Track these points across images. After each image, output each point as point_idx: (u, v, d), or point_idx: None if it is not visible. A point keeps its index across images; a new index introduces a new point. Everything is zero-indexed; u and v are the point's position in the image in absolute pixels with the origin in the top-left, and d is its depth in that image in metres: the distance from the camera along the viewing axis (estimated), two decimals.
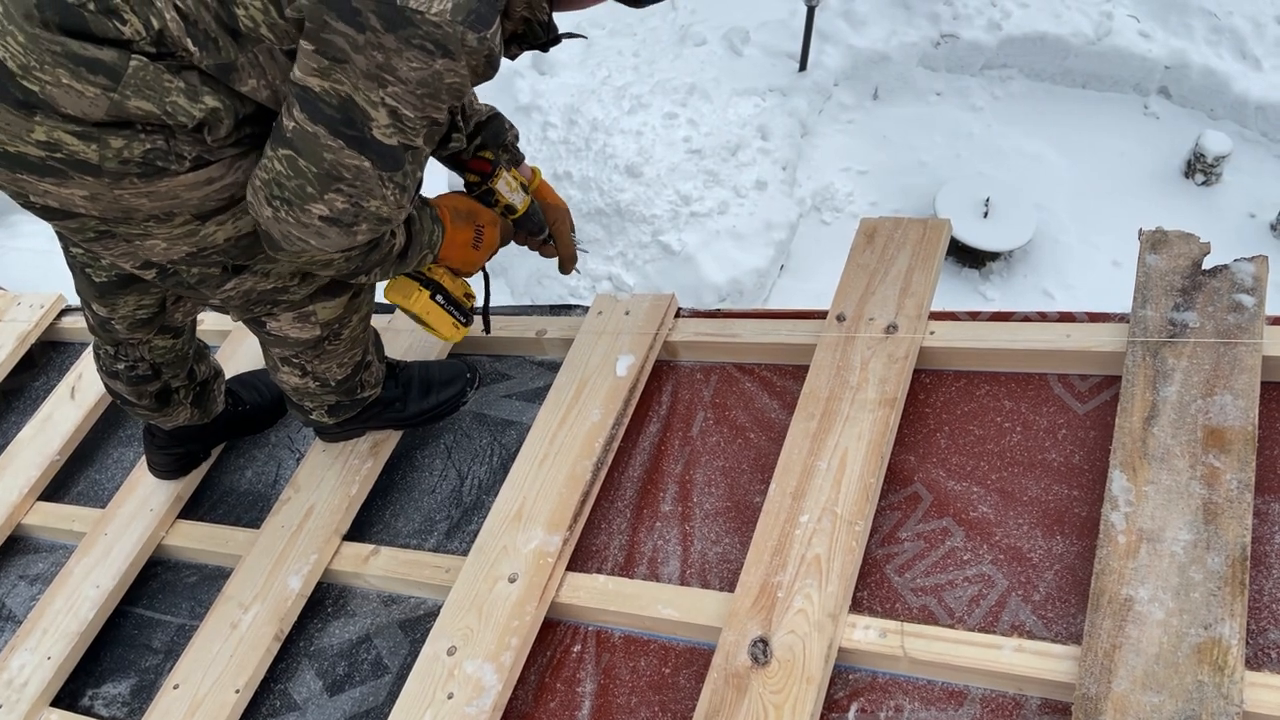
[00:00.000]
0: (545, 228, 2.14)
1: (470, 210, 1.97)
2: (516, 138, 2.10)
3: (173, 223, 1.59)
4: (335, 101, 1.42)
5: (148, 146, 1.45)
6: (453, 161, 2.06)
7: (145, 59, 1.38)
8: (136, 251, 1.65)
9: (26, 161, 1.44)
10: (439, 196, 1.97)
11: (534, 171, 2.14)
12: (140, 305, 1.95)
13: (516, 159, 2.10)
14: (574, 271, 2.24)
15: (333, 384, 2.06)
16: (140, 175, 1.48)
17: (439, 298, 1.99)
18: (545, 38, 1.62)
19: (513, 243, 2.13)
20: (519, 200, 2.07)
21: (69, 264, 1.91)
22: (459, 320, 2.04)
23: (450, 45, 1.37)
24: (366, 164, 1.48)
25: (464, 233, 1.94)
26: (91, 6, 1.34)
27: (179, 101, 1.42)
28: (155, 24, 1.37)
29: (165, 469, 2.31)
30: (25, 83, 1.36)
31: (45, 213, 1.58)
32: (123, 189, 1.49)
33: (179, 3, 1.38)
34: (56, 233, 1.78)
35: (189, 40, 1.40)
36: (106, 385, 2.13)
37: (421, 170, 1.60)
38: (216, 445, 2.39)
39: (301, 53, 1.40)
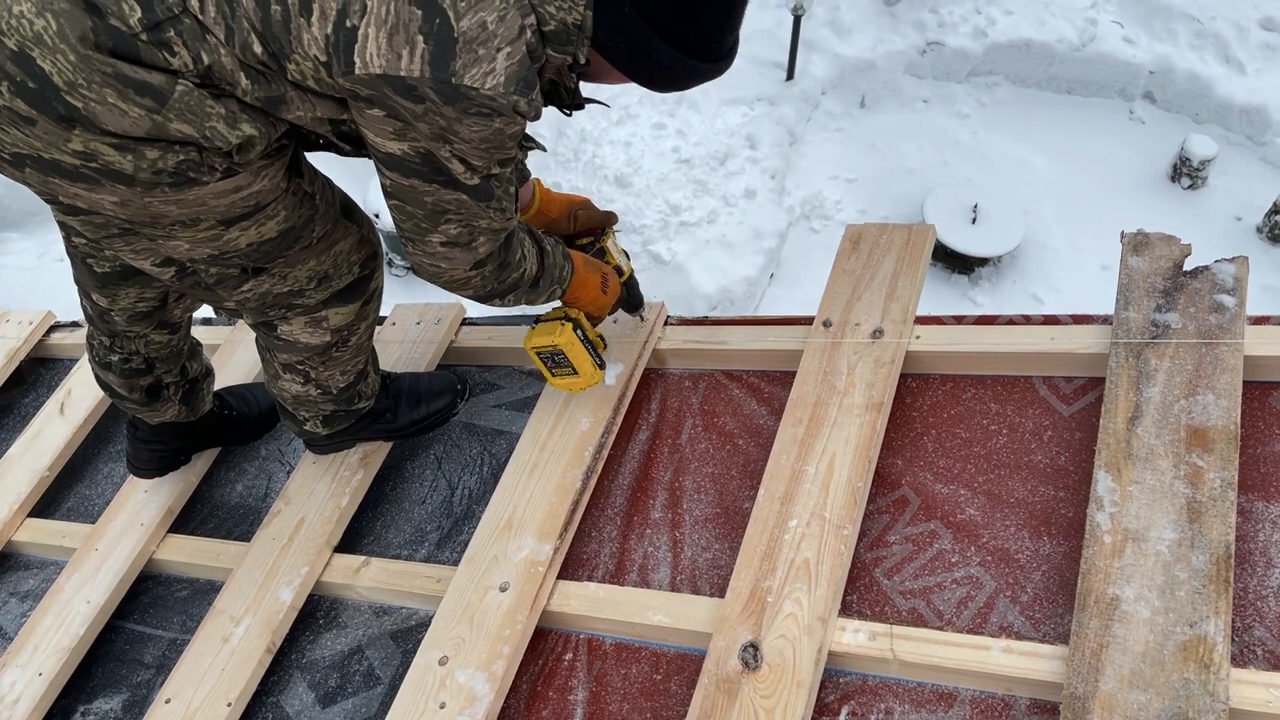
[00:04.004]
0: (642, 301, 2.22)
1: (596, 261, 2.07)
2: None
3: (198, 227, 1.62)
4: (418, 157, 1.52)
5: (181, 158, 1.48)
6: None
7: (191, 85, 1.43)
8: (159, 249, 1.69)
9: (60, 168, 1.46)
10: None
11: (535, 180, 2.17)
12: (141, 298, 1.97)
13: (524, 176, 2.13)
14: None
15: (334, 392, 2.07)
16: (172, 185, 1.51)
17: (579, 332, 2.05)
18: (570, 102, 1.71)
19: None
20: (625, 264, 2.15)
21: (69, 254, 1.92)
22: (596, 361, 2.10)
23: (504, 110, 1.45)
24: (464, 196, 1.59)
25: (594, 276, 2.03)
26: (145, 37, 1.37)
27: (218, 127, 1.47)
28: (205, 59, 1.41)
29: (145, 465, 2.30)
30: (69, 98, 1.38)
31: (71, 210, 1.61)
32: (153, 197, 1.52)
33: (234, 50, 1.42)
34: (58, 222, 1.80)
35: (241, 74, 1.45)
36: (97, 376, 2.14)
37: (513, 184, 1.70)
38: (199, 450, 2.38)
39: (372, 119, 1.48)
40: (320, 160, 1.84)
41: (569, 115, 1.76)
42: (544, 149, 1.95)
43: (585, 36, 1.50)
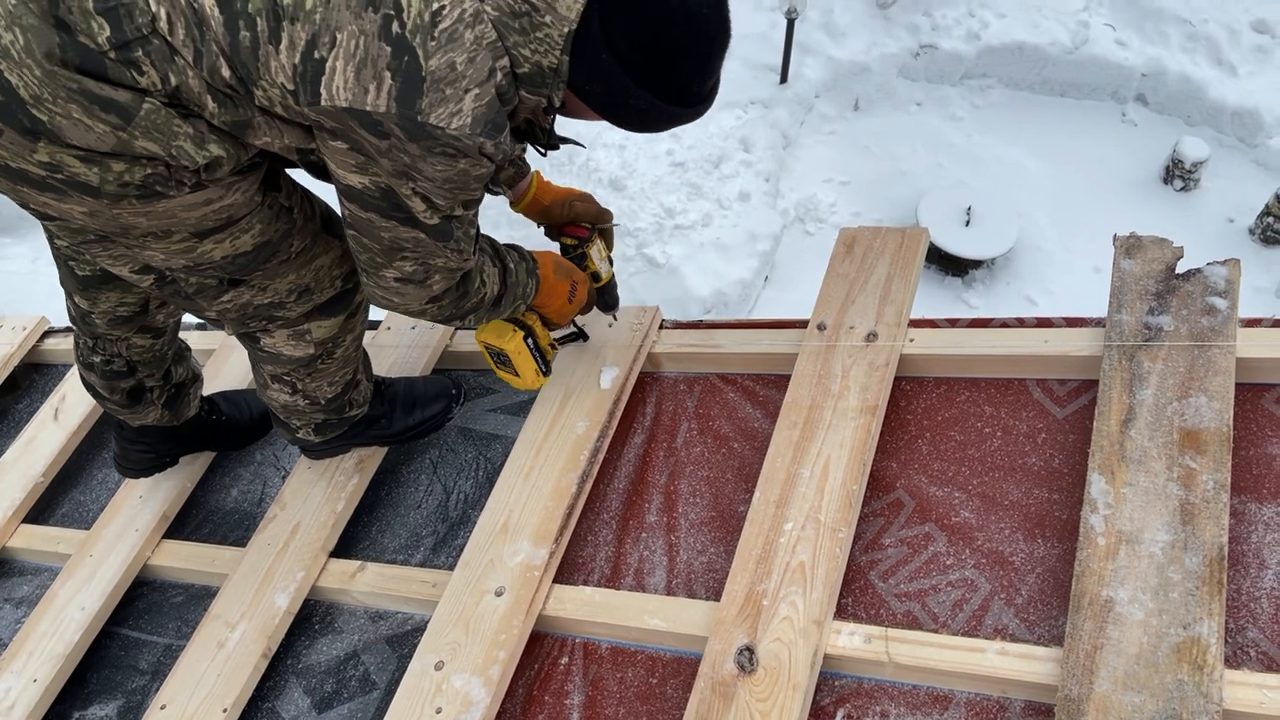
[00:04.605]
0: (618, 302, 2.25)
1: (569, 267, 2.07)
2: None
3: (170, 239, 1.62)
4: (378, 192, 1.52)
5: (148, 172, 1.48)
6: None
7: (158, 103, 1.42)
8: (136, 256, 1.68)
9: (28, 177, 1.46)
10: (541, 252, 2.06)
11: (534, 172, 2.17)
12: (122, 302, 1.96)
13: (522, 171, 2.13)
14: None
15: (322, 402, 2.07)
16: (139, 197, 1.50)
17: (530, 340, 2.07)
18: (545, 141, 1.71)
19: None
20: (605, 270, 2.18)
21: (53, 255, 1.92)
22: (541, 368, 2.12)
23: (469, 152, 1.45)
24: (422, 235, 1.58)
25: (563, 284, 2.04)
26: (113, 55, 1.37)
27: (185, 146, 1.46)
28: (173, 80, 1.41)
29: (131, 465, 2.30)
30: (35, 111, 1.38)
31: (44, 217, 1.61)
32: (121, 209, 1.52)
33: (202, 73, 1.41)
34: (42, 224, 1.80)
35: (209, 98, 1.44)
36: (81, 375, 2.15)
37: (474, 226, 1.69)
38: (186, 453, 2.37)
39: (336, 150, 1.48)
40: (303, 174, 1.84)
41: (544, 155, 1.75)
42: (509, 196, 1.95)
43: (560, 80, 1.48)
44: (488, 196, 1.78)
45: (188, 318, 2.25)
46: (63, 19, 1.34)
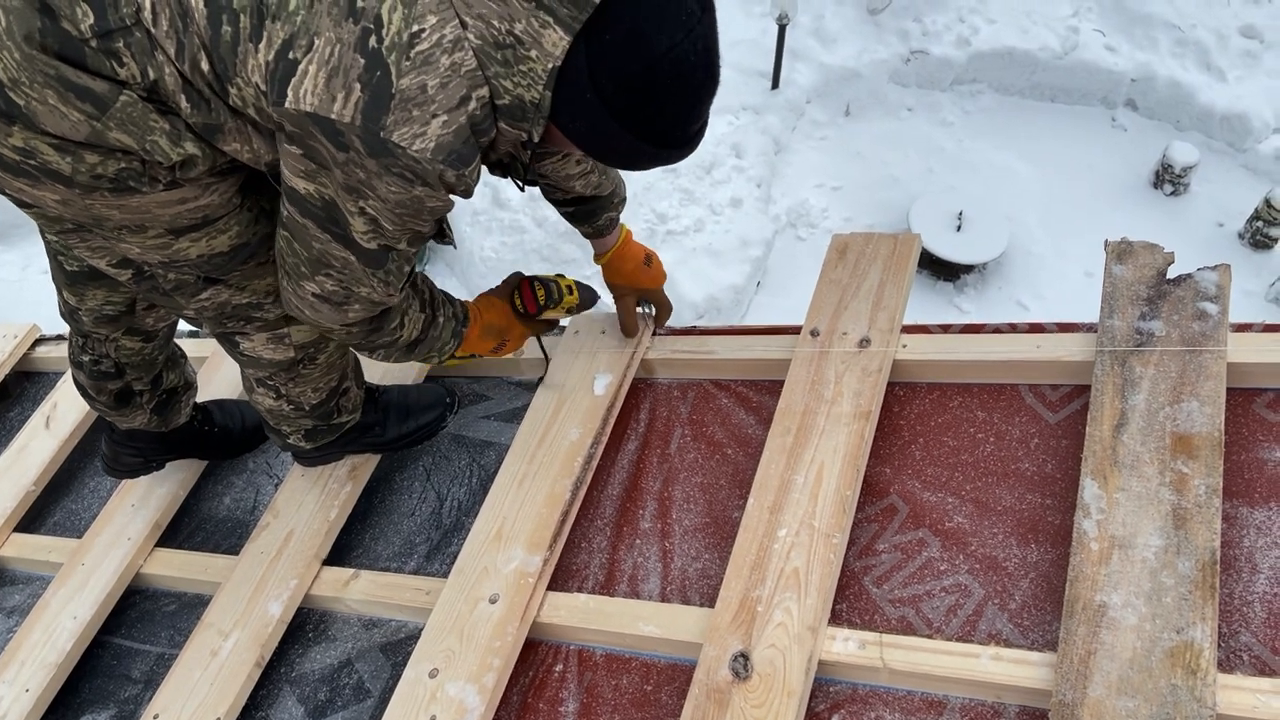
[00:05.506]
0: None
1: (503, 328, 2.06)
2: (620, 207, 2.13)
3: (145, 234, 1.61)
4: (320, 202, 1.49)
5: (122, 166, 1.47)
6: (570, 217, 2.13)
7: (136, 96, 1.41)
8: (113, 248, 1.68)
9: (2, 160, 1.45)
10: (486, 299, 2.05)
11: (621, 240, 2.18)
12: (108, 300, 1.96)
13: (601, 232, 2.13)
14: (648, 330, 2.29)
15: (307, 408, 2.06)
16: (112, 190, 1.49)
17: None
18: (524, 176, 1.69)
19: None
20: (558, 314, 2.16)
21: (46, 250, 1.93)
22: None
23: (429, 179, 1.42)
24: (352, 257, 1.56)
25: (487, 343, 2.05)
26: (94, 44, 1.36)
27: (159, 142, 1.44)
28: (151, 74, 1.40)
29: (117, 467, 2.29)
30: (11, 95, 1.37)
31: (21, 204, 1.60)
32: (93, 200, 1.51)
33: (178, 65, 1.40)
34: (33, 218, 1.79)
35: (182, 96, 1.43)
36: (72, 375, 2.15)
37: (410, 264, 1.66)
38: (176, 458, 2.35)
39: (289, 154, 1.45)
40: None
41: (522, 190, 1.74)
42: (454, 246, 1.94)
43: (541, 115, 1.44)
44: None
45: (183, 324, 2.25)
46: (48, 3, 1.33)
